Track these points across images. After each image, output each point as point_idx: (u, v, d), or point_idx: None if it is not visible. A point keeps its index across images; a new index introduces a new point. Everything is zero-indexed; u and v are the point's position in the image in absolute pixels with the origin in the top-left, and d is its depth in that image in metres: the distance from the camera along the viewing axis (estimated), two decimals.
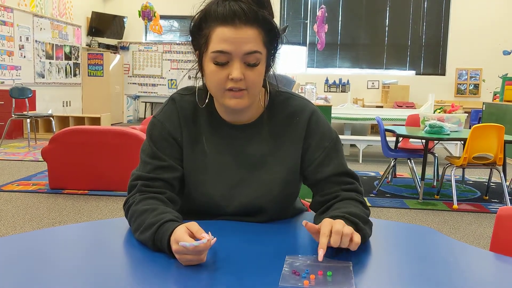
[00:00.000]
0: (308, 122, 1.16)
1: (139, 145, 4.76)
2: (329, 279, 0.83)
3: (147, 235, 0.97)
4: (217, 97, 1.09)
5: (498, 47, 9.91)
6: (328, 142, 1.16)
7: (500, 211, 1.26)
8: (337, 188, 1.14)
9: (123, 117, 10.89)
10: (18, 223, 3.32)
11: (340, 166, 1.15)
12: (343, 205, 1.08)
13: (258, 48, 1.04)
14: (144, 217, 1.02)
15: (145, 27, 11.06)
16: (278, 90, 1.17)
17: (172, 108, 1.16)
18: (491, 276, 0.94)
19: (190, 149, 1.15)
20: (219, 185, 1.14)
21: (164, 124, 1.14)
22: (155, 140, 1.14)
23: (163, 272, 0.88)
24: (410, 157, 4.70)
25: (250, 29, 1.02)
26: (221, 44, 1.02)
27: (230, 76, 1.03)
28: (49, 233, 1.11)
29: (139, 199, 1.07)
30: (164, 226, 0.96)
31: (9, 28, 7.74)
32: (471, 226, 3.55)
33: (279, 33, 1.08)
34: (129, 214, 1.07)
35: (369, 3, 10.76)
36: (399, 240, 1.13)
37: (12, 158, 5.94)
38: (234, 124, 1.16)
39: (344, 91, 10.52)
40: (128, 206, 1.09)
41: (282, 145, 1.16)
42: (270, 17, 1.06)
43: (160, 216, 1.00)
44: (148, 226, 0.99)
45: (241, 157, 1.15)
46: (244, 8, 1.01)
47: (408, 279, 0.87)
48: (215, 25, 1.03)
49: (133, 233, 1.04)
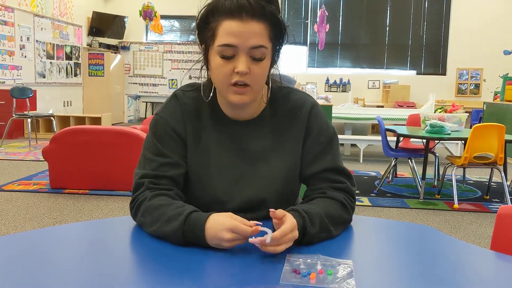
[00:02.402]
0: (309, 116, 1.16)
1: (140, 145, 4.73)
2: (329, 277, 0.83)
3: (174, 225, 0.97)
4: (222, 91, 1.09)
5: (499, 47, 9.90)
6: (324, 138, 1.16)
7: (500, 209, 1.26)
8: (326, 185, 1.14)
9: (123, 117, 10.90)
10: (18, 223, 3.32)
11: (333, 162, 1.15)
12: (320, 202, 1.09)
13: (264, 42, 1.04)
14: (162, 211, 1.02)
15: (146, 27, 11.07)
16: (280, 86, 1.18)
17: (175, 104, 1.16)
18: (492, 274, 0.94)
19: (194, 145, 1.15)
20: (222, 181, 1.14)
21: (168, 120, 1.14)
22: (159, 137, 1.13)
23: (164, 270, 0.88)
24: (410, 157, 4.70)
25: (256, 23, 1.03)
26: (228, 37, 1.02)
27: (236, 70, 1.03)
28: (50, 232, 1.11)
29: (150, 195, 1.07)
30: (193, 215, 0.97)
31: (9, 28, 7.75)
32: (471, 226, 3.55)
33: (285, 28, 1.08)
34: (141, 210, 1.06)
35: (369, 3, 10.75)
36: (400, 239, 1.12)
37: (13, 157, 5.94)
38: (237, 120, 1.16)
39: (345, 91, 10.53)
40: (139, 203, 1.07)
41: (284, 140, 1.16)
42: (277, 12, 1.06)
43: (181, 208, 1.01)
44: (173, 217, 0.99)
45: (244, 153, 1.15)
46: (251, 2, 1.01)
47: (409, 278, 0.87)
48: (222, 18, 1.03)
49: (147, 227, 1.04)
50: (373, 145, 7.61)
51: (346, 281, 0.82)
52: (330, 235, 1.05)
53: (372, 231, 1.19)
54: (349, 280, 0.82)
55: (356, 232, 1.14)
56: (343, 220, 1.10)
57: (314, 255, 0.93)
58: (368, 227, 1.20)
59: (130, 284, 0.82)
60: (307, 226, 0.99)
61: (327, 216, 1.05)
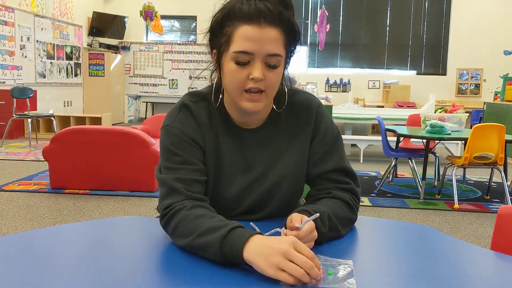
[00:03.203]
0: (315, 117, 1.16)
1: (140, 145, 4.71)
2: (330, 277, 0.83)
3: (213, 237, 0.89)
4: (234, 97, 1.06)
5: (499, 47, 9.90)
6: (329, 138, 1.17)
7: (501, 209, 1.26)
8: (332, 186, 1.14)
9: (124, 117, 10.90)
10: (19, 223, 3.32)
11: (338, 162, 1.16)
12: (327, 202, 1.10)
13: (280, 50, 1.02)
14: (201, 222, 0.95)
15: (146, 27, 11.07)
16: (284, 88, 1.16)
17: (187, 114, 1.12)
18: (492, 274, 0.94)
19: (210, 154, 1.13)
20: (233, 188, 1.13)
21: (183, 130, 1.09)
22: (178, 146, 1.08)
23: (163, 270, 0.88)
24: (411, 157, 4.70)
25: (274, 29, 1.01)
26: (244, 43, 1.00)
27: (251, 76, 1.01)
28: (50, 232, 1.11)
29: (191, 205, 1.00)
30: (237, 231, 0.89)
31: (10, 28, 7.75)
32: (472, 226, 3.55)
33: (300, 36, 1.07)
34: (177, 218, 0.98)
35: (369, 3, 10.75)
36: (400, 239, 1.13)
37: (13, 158, 5.95)
38: (246, 126, 1.15)
39: (345, 91, 10.53)
40: (176, 210, 1.00)
41: (291, 142, 1.16)
42: (294, 19, 1.04)
43: (223, 222, 0.94)
44: (212, 230, 0.91)
45: (254, 159, 1.15)
46: (270, 7, 0.99)
47: (409, 278, 0.87)
48: (239, 23, 1.01)
49: (179, 238, 0.97)
50: (373, 145, 7.61)
51: (347, 281, 0.82)
52: (339, 235, 1.06)
53: (372, 231, 1.19)
54: (349, 280, 0.82)
55: (357, 232, 1.14)
56: (350, 219, 1.11)
57: (317, 255, 0.92)
58: (368, 227, 1.20)
59: (131, 284, 0.82)
60: (319, 225, 1.00)
61: (335, 215, 1.06)
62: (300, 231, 0.92)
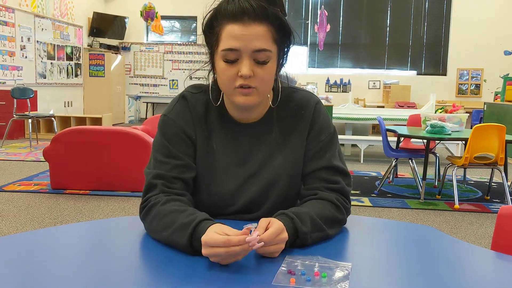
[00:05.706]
0: (313, 114, 1.17)
1: (140, 145, 4.72)
2: (323, 280, 0.83)
3: (184, 235, 0.95)
4: (228, 94, 1.09)
5: (499, 47, 9.90)
6: (324, 136, 1.16)
7: (501, 209, 1.26)
8: (320, 185, 1.13)
9: (124, 118, 10.90)
10: (19, 223, 3.32)
11: (330, 160, 1.14)
12: (312, 204, 1.09)
13: (268, 45, 1.03)
14: (174, 217, 1.00)
15: (146, 27, 11.08)
16: (283, 86, 1.17)
17: (183, 105, 1.15)
18: (492, 274, 0.94)
19: (202, 147, 1.14)
20: (228, 183, 1.14)
21: (177, 121, 1.13)
22: (169, 138, 1.12)
23: (163, 270, 0.88)
24: (411, 157, 4.70)
25: (259, 26, 1.02)
26: (230, 41, 1.02)
27: (239, 73, 1.03)
28: (51, 232, 1.11)
29: (165, 199, 1.05)
30: (201, 224, 0.95)
31: (10, 28, 7.75)
32: (472, 226, 3.55)
33: (291, 30, 1.08)
34: (152, 213, 1.04)
35: (369, 3, 10.76)
36: (400, 239, 1.12)
37: (13, 158, 5.95)
38: (243, 122, 1.16)
39: (345, 91, 10.53)
40: (151, 205, 1.05)
41: (289, 140, 1.16)
42: (281, 14, 1.05)
43: (193, 216, 0.98)
44: (184, 226, 0.96)
45: (250, 155, 1.15)
46: (253, 4, 1.01)
47: (410, 278, 0.87)
48: (225, 22, 1.03)
49: (155, 233, 1.02)
50: (374, 146, 7.61)
51: (340, 284, 0.81)
52: (325, 235, 1.04)
53: (372, 231, 1.19)
54: (343, 283, 0.82)
55: (357, 232, 1.14)
56: (337, 220, 1.09)
57: (314, 256, 0.92)
58: (368, 227, 1.20)
59: (131, 284, 0.82)
60: (298, 225, 0.99)
61: (319, 215, 1.04)
62: (264, 235, 0.90)
